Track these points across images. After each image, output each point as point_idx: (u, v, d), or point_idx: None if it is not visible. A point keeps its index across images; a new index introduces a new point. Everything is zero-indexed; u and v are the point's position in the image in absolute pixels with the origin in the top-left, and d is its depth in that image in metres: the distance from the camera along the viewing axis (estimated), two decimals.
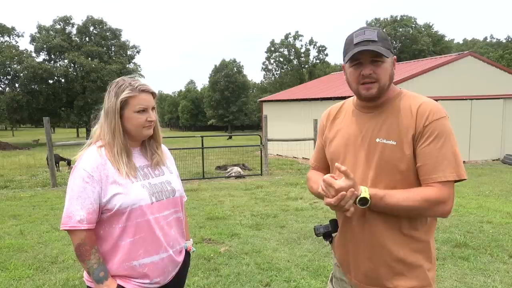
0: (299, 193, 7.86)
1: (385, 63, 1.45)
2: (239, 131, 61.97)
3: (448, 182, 1.40)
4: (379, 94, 1.48)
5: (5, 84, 40.67)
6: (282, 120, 17.84)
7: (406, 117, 1.46)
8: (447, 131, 1.42)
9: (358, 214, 1.51)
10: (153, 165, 1.74)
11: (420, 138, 1.42)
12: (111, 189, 1.59)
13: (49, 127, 9.04)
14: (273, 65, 61.02)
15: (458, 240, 4.69)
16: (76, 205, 1.57)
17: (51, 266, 4.18)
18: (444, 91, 13.14)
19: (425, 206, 1.39)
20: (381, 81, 1.46)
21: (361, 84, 1.47)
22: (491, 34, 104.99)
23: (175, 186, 1.78)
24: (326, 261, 4.16)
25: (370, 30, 1.47)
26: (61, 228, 1.59)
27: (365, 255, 1.53)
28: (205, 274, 3.88)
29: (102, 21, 43.83)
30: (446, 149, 1.40)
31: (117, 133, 1.64)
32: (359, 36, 1.45)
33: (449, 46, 53.30)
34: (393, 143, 1.45)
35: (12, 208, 6.96)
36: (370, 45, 1.42)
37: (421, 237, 1.49)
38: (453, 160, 1.40)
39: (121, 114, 1.64)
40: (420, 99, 1.49)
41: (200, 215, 6.16)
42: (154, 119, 1.69)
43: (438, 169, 1.40)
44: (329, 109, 1.75)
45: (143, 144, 1.77)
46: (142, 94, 1.66)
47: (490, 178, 9.99)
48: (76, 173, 1.61)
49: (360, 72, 1.46)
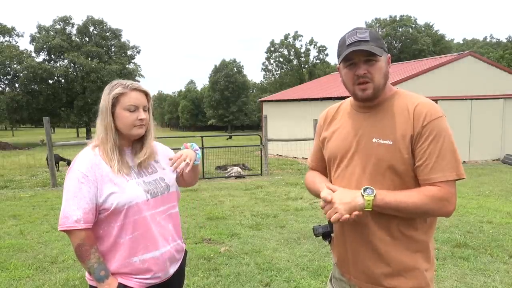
0: (299, 193, 7.86)
1: (379, 62, 1.46)
2: (239, 131, 61.95)
3: (450, 181, 1.40)
4: (375, 94, 1.49)
5: (5, 84, 40.67)
6: (282, 120, 17.84)
7: (403, 117, 1.46)
8: (445, 130, 1.42)
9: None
10: (143, 163, 1.76)
11: (418, 138, 1.42)
12: (106, 188, 1.61)
13: (49, 127, 9.05)
14: (273, 65, 61.03)
15: (458, 240, 4.69)
16: (73, 205, 1.58)
17: (51, 266, 4.18)
18: (444, 91, 13.14)
19: (430, 205, 1.39)
20: (376, 80, 1.46)
21: (357, 84, 1.48)
22: (491, 34, 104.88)
23: (168, 182, 1.81)
24: (326, 261, 4.16)
25: (362, 30, 1.48)
26: (59, 229, 1.61)
27: (363, 254, 1.53)
28: (205, 274, 3.88)
29: (102, 21, 43.81)
30: (445, 149, 1.41)
31: (109, 129, 1.66)
32: (351, 37, 1.47)
33: (449, 46, 53.30)
34: (389, 143, 1.46)
35: (12, 208, 6.96)
36: (363, 45, 1.43)
37: (419, 238, 1.49)
38: (452, 159, 1.41)
39: (113, 111, 1.67)
40: (416, 99, 1.50)
41: (200, 215, 6.15)
42: (143, 117, 1.69)
43: (438, 169, 1.40)
44: (327, 110, 1.76)
45: (133, 144, 1.78)
46: (133, 92, 1.68)
47: (490, 178, 9.99)
48: (71, 174, 1.64)
49: (355, 72, 1.47)
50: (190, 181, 1.94)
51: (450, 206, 1.40)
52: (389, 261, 1.49)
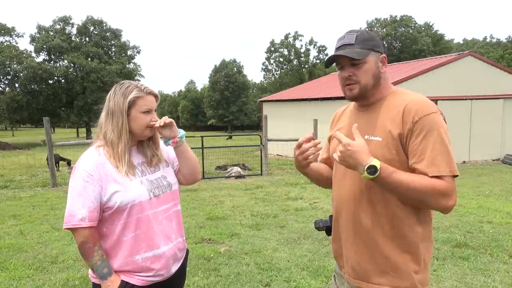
0: (299, 193, 7.86)
1: (366, 64, 1.50)
2: (239, 131, 61.92)
3: (447, 177, 1.39)
4: (362, 94, 1.53)
5: (5, 84, 40.65)
6: (282, 120, 17.84)
7: (393, 114, 1.48)
8: (437, 126, 1.41)
9: (346, 209, 1.56)
10: (149, 162, 1.79)
11: (410, 135, 1.42)
12: (110, 187, 1.64)
13: (49, 127, 9.05)
14: (273, 65, 61.00)
15: (458, 240, 4.69)
16: (78, 204, 1.62)
17: (51, 266, 4.18)
18: (444, 91, 13.15)
19: (430, 193, 1.37)
20: (362, 82, 1.51)
21: (345, 86, 1.55)
22: (491, 34, 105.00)
23: (170, 180, 1.83)
24: (326, 261, 4.16)
25: (351, 33, 1.53)
26: (64, 227, 1.64)
27: (353, 248, 1.56)
28: (205, 274, 3.88)
29: (102, 21, 43.76)
30: (438, 144, 1.40)
31: (124, 132, 1.69)
32: (340, 41, 1.54)
33: (449, 46, 53.28)
34: (378, 139, 1.48)
35: (12, 208, 6.96)
36: (344, 49, 1.49)
37: (411, 238, 1.48)
38: (446, 155, 1.39)
39: (128, 114, 1.69)
40: (408, 96, 1.50)
41: (200, 215, 6.16)
42: (157, 120, 1.74)
43: (432, 164, 1.38)
44: (336, 111, 1.84)
45: (139, 142, 1.81)
46: (149, 96, 1.73)
47: (490, 178, 9.99)
48: (76, 173, 1.66)
49: (342, 75, 1.54)
50: (190, 176, 1.89)
51: (450, 202, 1.38)
52: (379, 258, 1.50)
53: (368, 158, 1.37)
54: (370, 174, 1.35)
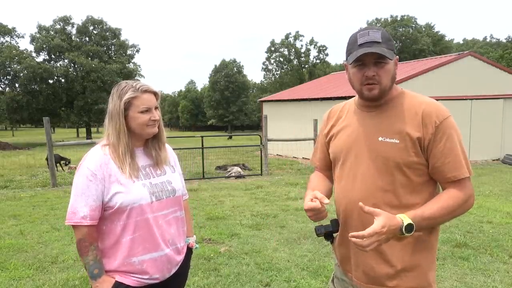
0: (299, 193, 7.85)
1: (388, 64, 1.46)
2: (239, 131, 61.93)
3: (466, 178, 1.45)
4: (381, 95, 1.50)
5: (5, 84, 40.61)
6: (282, 120, 17.83)
7: (410, 117, 1.47)
8: (455, 129, 1.46)
9: (358, 211, 1.50)
10: (155, 164, 1.79)
11: (433, 139, 1.44)
12: (113, 187, 1.65)
13: (49, 127, 9.04)
14: (273, 65, 60.99)
15: (458, 240, 4.69)
16: (80, 202, 1.63)
17: (51, 266, 4.18)
18: (444, 91, 13.13)
19: (458, 209, 1.44)
20: (383, 82, 1.47)
21: (364, 85, 1.48)
22: (491, 34, 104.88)
23: (175, 186, 1.83)
24: (326, 261, 4.16)
25: (374, 30, 1.46)
26: (66, 223, 1.66)
27: (366, 254, 1.52)
28: (205, 274, 3.88)
29: (102, 21, 43.71)
30: (458, 148, 1.45)
31: (122, 134, 1.69)
32: (363, 37, 1.45)
33: (449, 46, 53.27)
34: (396, 141, 1.47)
35: (12, 208, 6.96)
36: (374, 47, 1.42)
37: (424, 238, 1.49)
38: (464, 157, 1.46)
39: (126, 115, 1.69)
40: (420, 98, 1.52)
41: (200, 215, 6.16)
42: (157, 118, 1.74)
43: (455, 168, 1.43)
44: (331, 108, 1.77)
45: (146, 143, 1.80)
46: (145, 94, 1.71)
47: (490, 178, 9.99)
48: (81, 171, 1.68)
49: (364, 73, 1.47)
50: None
51: (471, 201, 1.46)
52: (393, 261, 1.49)
53: (397, 221, 1.36)
54: (409, 232, 1.37)
